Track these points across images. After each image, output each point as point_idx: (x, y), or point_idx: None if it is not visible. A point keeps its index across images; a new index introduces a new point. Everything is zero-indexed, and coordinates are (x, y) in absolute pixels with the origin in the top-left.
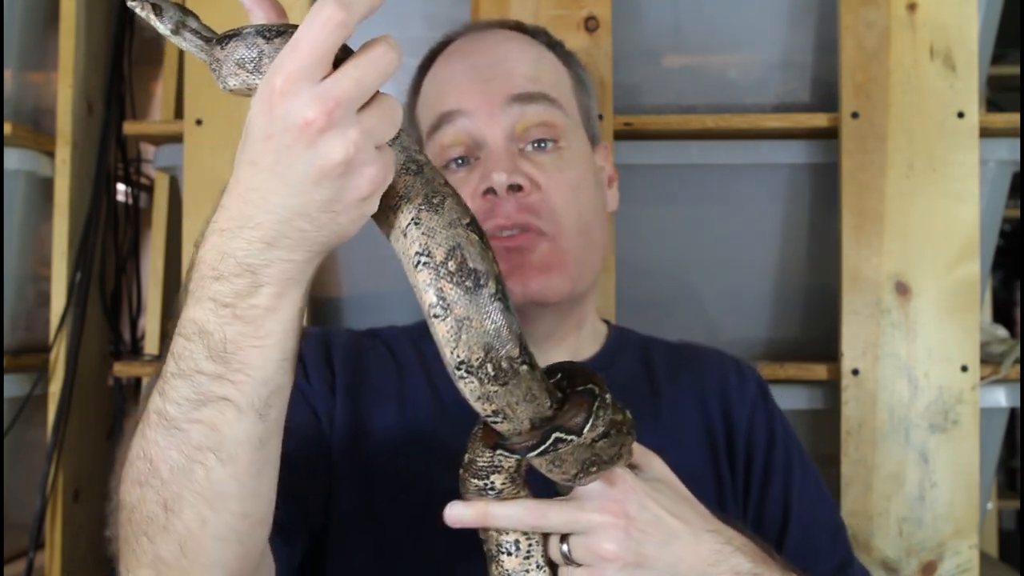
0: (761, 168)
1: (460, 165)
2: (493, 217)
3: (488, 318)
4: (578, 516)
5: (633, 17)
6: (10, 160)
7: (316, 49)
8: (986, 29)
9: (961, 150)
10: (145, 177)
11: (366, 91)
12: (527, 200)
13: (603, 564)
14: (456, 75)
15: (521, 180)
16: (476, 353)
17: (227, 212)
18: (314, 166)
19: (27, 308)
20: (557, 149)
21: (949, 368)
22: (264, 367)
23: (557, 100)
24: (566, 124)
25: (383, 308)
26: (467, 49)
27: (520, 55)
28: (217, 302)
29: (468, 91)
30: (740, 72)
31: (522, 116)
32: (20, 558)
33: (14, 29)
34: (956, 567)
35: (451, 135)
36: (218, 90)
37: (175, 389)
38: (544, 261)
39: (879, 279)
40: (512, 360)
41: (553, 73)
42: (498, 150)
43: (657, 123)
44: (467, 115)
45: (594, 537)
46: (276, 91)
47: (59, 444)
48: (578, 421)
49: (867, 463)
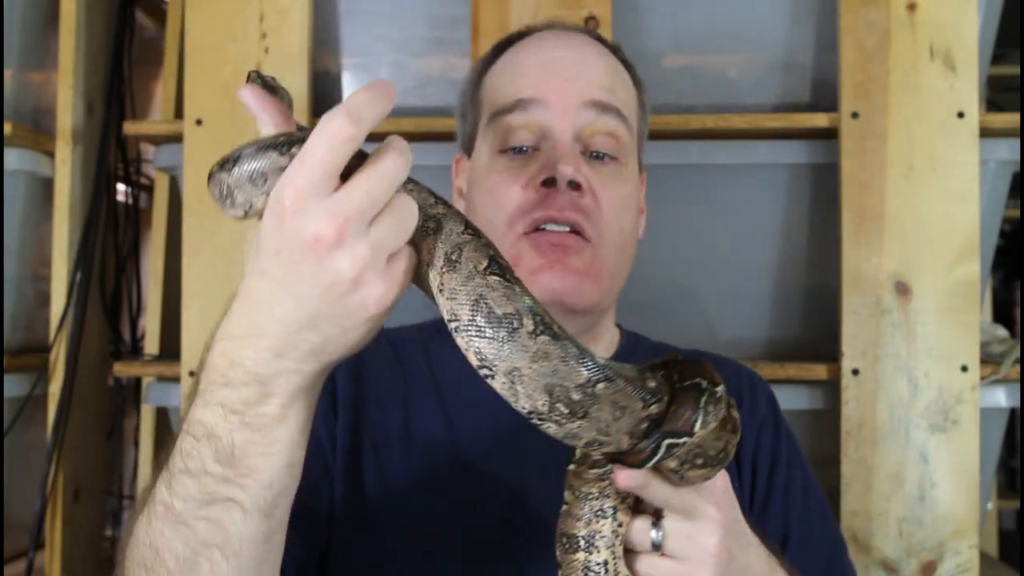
0: (761, 168)
1: (518, 153)
2: (544, 208)
3: (537, 360)
4: (698, 504)
5: (633, 17)
6: (10, 160)
7: (325, 164)
8: (986, 29)
9: (961, 150)
10: (145, 177)
11: (377, 204)
12: (582, 201)
13: (704, 558)
14: (537, 64)
15: (583, 179)
16: (540, 399)
17: (237, 319)
18: (322, 281)
19: (27, 308)
20: (616, 163)
21: (949, 368)
22: (271, 472)
23: (628, 118)
24: (628, 143)
25: None
26: (550, 43)
27: (603, 64)
28: (226, 408)
29: (548, 83)
30: (740, 72)
31: (594, 121)
32: (20, 558)
33: (14, 29)
34: (956, 567)
35: (522, 120)
36: (218, 90)
37: (183, 486)
38: (584, 267)
39: (879, 279)
40: (583, 387)
41: (627, 91)
42: (565, 144)
43: (657, 123)
44: (543, 105)
45: (700, 529)
46: (286, 207)
47: (59, 444)
48: (687, 420)
49: (867, 463)
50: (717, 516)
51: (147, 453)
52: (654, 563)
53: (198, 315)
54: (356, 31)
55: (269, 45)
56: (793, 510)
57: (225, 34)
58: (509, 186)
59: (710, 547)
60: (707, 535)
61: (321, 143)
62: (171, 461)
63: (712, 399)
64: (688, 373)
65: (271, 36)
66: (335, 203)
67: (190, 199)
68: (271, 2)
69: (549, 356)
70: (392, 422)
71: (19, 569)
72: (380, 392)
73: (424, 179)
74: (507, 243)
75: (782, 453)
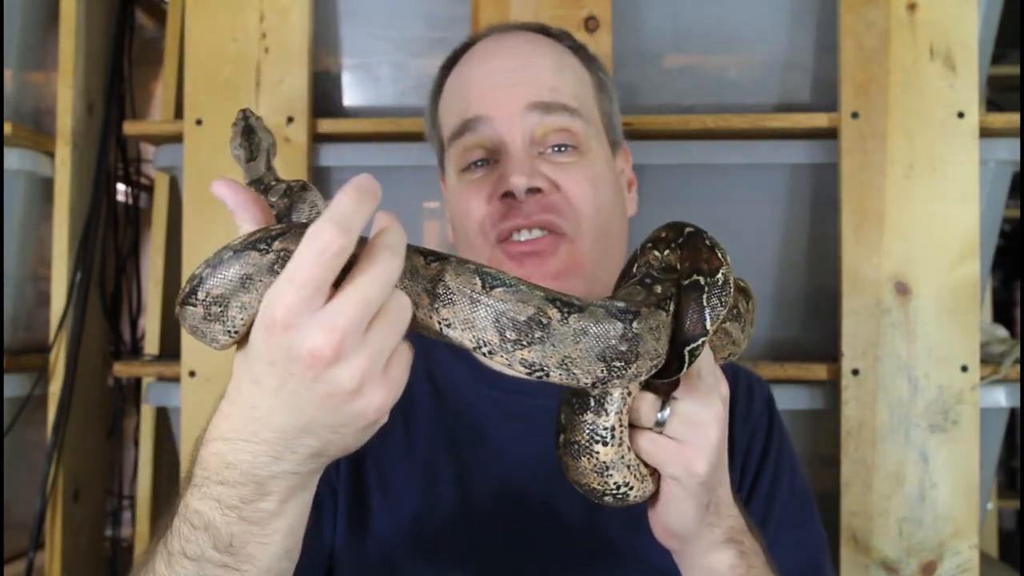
0: (761, 168)
1: (480, 166)
2: (509, 219)
3: (579, 340)
4: (711, 397)
5: (633, 17)
6: (10, 160)
7: (316, 279)
8: (986, 29)
9: (961, 150)
10: (145, 177)
11: (372, 310)
12: (547, 200)
13: (704, 444)
14: (478, 79)
15: (540, 183)
16: (597, 368)
17: (230, 422)
18: (320, 393)
19: (27, 308)
20: (575, 152)
21: (949, 368)
22: (269, 558)
23: (577, 110)
24: (586, 131)
25: None
26: (490, 52)
27: (543, 61)
28: (222, 503)
29: (489, 97)
30: (740, 72)
31: (541, 123)
32: (20, 558)
33: (14, 29)
34: (956, 567)
35: (473, 140)
36: (218, 90)
37: (183, 567)
38: (562, 266)
39: (879, 279)
40: (624, 337)
41: (575, 80)
42: (517, 154)
43: (657, 123)
44: (488, 120)
45: (706, 419)
46: (278, 323)
47: (59, 444)
48: (698, 323)
49: (867, 463)
50: (722, 415)
51: (147, 453)
52: (655, 440)
53: None
54: (356, 31)
55: (269, 45)
56: (771, 519)
57: (225, 34)
58: (474, 201)
59: (711, 436)
60: (711, 426)
61: (311, 258)
62: (169, 540)
63: (714, 291)
64: (687, 261)
65: (271, 36)
66: (330, 317)
67: (190, 199)
68: (271, 2)
69: (586, 331)
70: (392, 440)
71: (19, 569)
72: None
73: (422, 178)
74: (485, 253)
75: (770, 459)
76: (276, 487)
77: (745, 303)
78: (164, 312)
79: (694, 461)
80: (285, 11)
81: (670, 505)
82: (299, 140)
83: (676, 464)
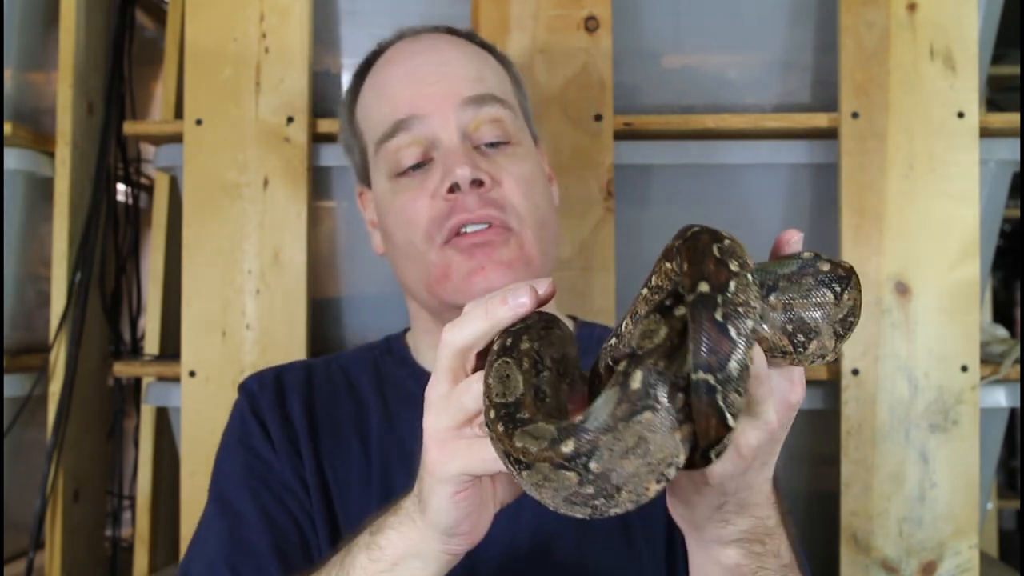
0: (761, 168)
1: (415, 170)
2: (456, 213)
3: (542, 492)
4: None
5: (633, 17)
6: (10, 160)
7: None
8: (986, 29)
9: (961, 150)
10: (145, 177)
11: None
12: (490, 195)
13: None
14: (401, 79)
15: (483, 176)
16: (581, 514)
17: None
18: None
19: (27, 308)
20: (509, 146)
21: (949, 368)
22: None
23: (505, 100)
24: (515, 123)
25: (382, 309)
26: (407, 52)
27: (463, 57)
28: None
29: (418, 94)
30: (740, 72)
31: (475, 116)
32: (20, 558)
33: (14, 29)
34: (956, 567)
35: (407, 140)
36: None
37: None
38: (512, 257)
39: (879, 279)
40: (593, 483)
41: (495, 74)
42: (455, 147)
43: (657, 123)
44: (421, 118)
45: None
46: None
47: (59, 444)
48: (726, 353)
49: (867, 463)
50: (775, 432)
51: (147, 453)
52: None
53: (198, 315)
54: (356, 31)
55: (269, 45)
56: None
57: (225, 34)
58: (416, 202)
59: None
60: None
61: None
62: None
63: (727, 304)
64: (690, 273)
65: (271, 36)
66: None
67: (190, 199)
68: (271, 2)
69: (654, 431)
70: (349, 453)
71: (19, 569)
72: (335, 422)
73: None
74: (432, 257)
75: None
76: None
77: (839, 291)
78: (164, 312)
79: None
80: (285, 11)
81: (680, 495)
82: (299, 140)
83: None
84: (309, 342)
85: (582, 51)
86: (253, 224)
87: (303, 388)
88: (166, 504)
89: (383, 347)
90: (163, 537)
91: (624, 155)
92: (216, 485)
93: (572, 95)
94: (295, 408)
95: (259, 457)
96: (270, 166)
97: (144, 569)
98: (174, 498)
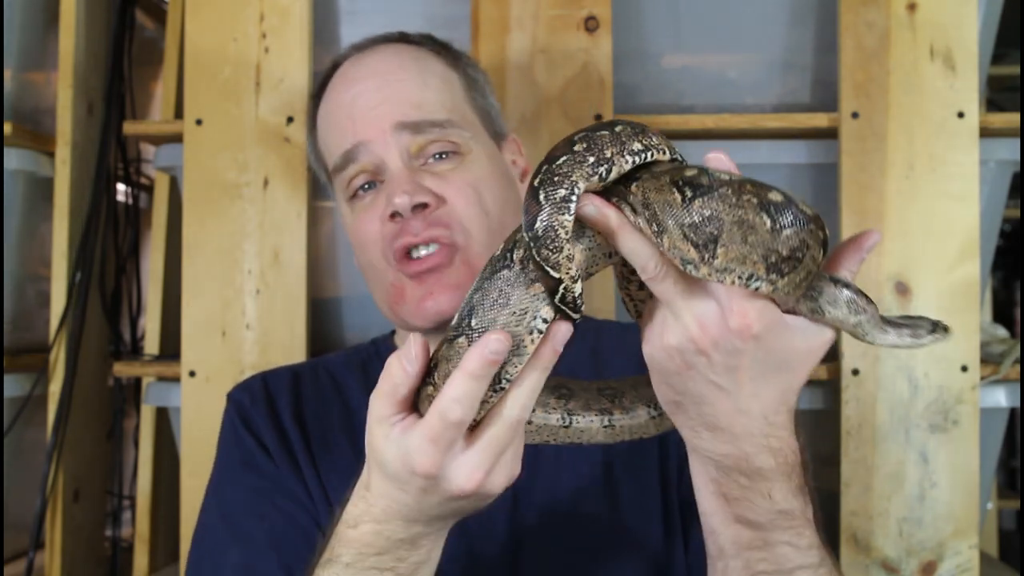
0: (761, 168)
1: (367, 189)
2: (402, 236)
3: (505, 292)
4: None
5: (633, 17)
6: (10, 160)
7: (450, 438)
8: (986, 29)
9: (961, 150)
10: (145, 177)
11: (504, 448)
12: (435, 215)
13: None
14: (345, 107)
15: (424, 198)
16: (538, 309)
17: (380, 508)
18: (459, 505)
19: (27, 308)
20: (456, 156)
21: (949, 368)
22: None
23: (447, 120)
24: (461, 137)
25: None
26: (351, 77)
27: (404, 76)
28: (382, 568)
29: (359, 120)
30: (740, 72)
31: (413, 139)
32: (20, 558)
33: (14, 29)
34: (956, 567)
35: (355, 170)
36: (218, 90)
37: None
38: (459, 278)
39: (879, 279)
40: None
41: (440, 87)
42: (398, 172)
43: (657, 123)
44: (364, 145)
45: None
46: (421, 474)
47: (59, 444)
48: (527, 218)
49: (867, 463)
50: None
51: (147, 453)
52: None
53: (198, 315)
54: (356, 31)
55: (269, 45)
56: None
57: (225, 34)
58: (368, 225)
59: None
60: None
61: (442, 427)
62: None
63: (552, 174)
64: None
65: (271, 36)
66: (473, 464)
67: (190, 199)
68: (271, 2)
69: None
70: (342, 459)
71: (19, 569)
72: (325, 428)
73: None
74: (390, 276)
75: None
76: (426, 541)
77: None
78: (164, 312)
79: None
80: (285, 11)
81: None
82: (299, 140)
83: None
84: (309, 342)
85: (582, 51)
86: (253, 224)
87: (291, 396)
88: (166, 504)
89: (371, 349)
90: (163, 537)
91: None
92: (221, 508)
93: (572, 95)
94: (286, 416)
95: (263, 475)
96: (270, 166)
97: (144, 569)
98: (174, 498)
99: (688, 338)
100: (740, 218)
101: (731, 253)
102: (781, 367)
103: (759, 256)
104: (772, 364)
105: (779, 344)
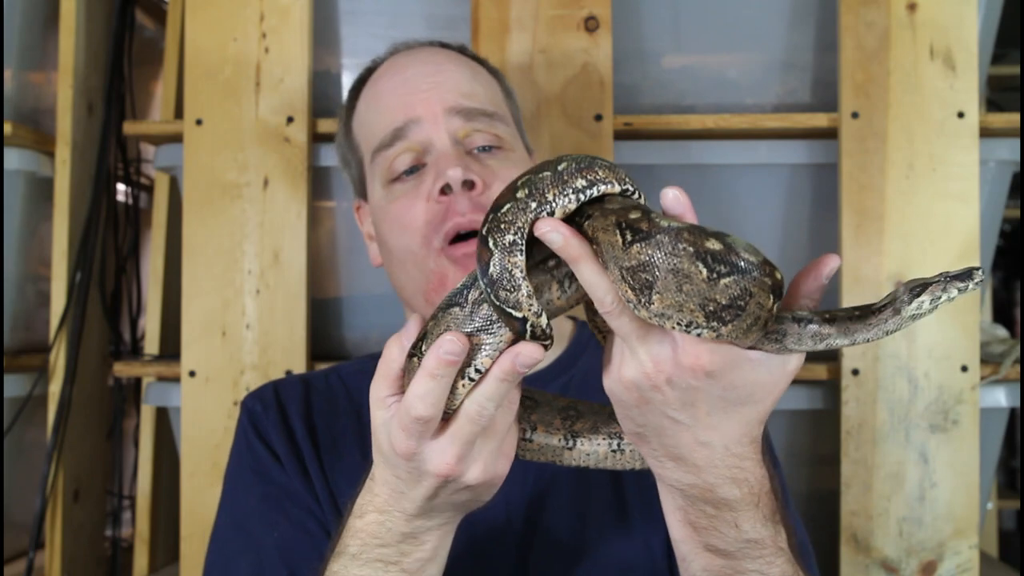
0: (761, 168)
1: (409, 175)
2: (450, 218)
3: (451, 328)
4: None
5: (633, 17)
6: (10, 160)
7: (426, 419)
8: (986, 29)
9: (961, 150)
10: (145, 177)
11: (483, 425)
12: (481, 199)
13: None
14: (395, 88)
15: (474, 177)
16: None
17: (383, 499)
18: (450, 491)
19: (27, 308)
20: (502, 151)
21: (949, 368)
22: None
23: (496, 113)
24: (507, 132)
25: (382, 309)
26: (401, 64)
27: (455, 68)
28: (386, 562)
29: (412, 100)
30: (740, 72)
31: (464, 126)
32: (20, 558)
33: (14, 29)
34: (956, 567)
35: (403, 147)
36: (218, 90)
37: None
38: None
39: (879, 279)
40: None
41: (488, 87)
42: (447, 149)
43: (657, 123)
44: (416, 122)
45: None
46: (401, 454)
47: (59, 444)
48: (481, 264)
49: (867, 463)
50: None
51: (147, 453)
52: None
53: (198, 315)
54: (356, 31)
55: (269, 45)
56: None
57: (225, 34)
58: (412, 206)
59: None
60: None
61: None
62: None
63: (499, 221)
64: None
65: (271, 36)
66: (445, 446)
67: (190, 199)
68: (271, 2)
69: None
70: (352, 466)
71: (19, 569)
72: (335, 436)
73: None
74: (430, 263)
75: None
76: (429, 537)
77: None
78: (164, 312)
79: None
80: (285, 11)
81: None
82: (299, 140)
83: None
84: (309, 342)
85: (582, 51)
86: (253, 224)
87: (301, 404)
88: (166, 504)
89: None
90: (163, 537)
91: (624, 155)
92: (233, 515)
93: (572, 95)
94: (297, 424)
95: (273, 483)
96: (270, 166)
97: (144, 569)
98: (174, 498)
99: (643, 374)
100: (675, 266)
101: (666, 300)
102: (744, 400)
103: (696, 304)
104: (732, 399)
105: (739, 379)
